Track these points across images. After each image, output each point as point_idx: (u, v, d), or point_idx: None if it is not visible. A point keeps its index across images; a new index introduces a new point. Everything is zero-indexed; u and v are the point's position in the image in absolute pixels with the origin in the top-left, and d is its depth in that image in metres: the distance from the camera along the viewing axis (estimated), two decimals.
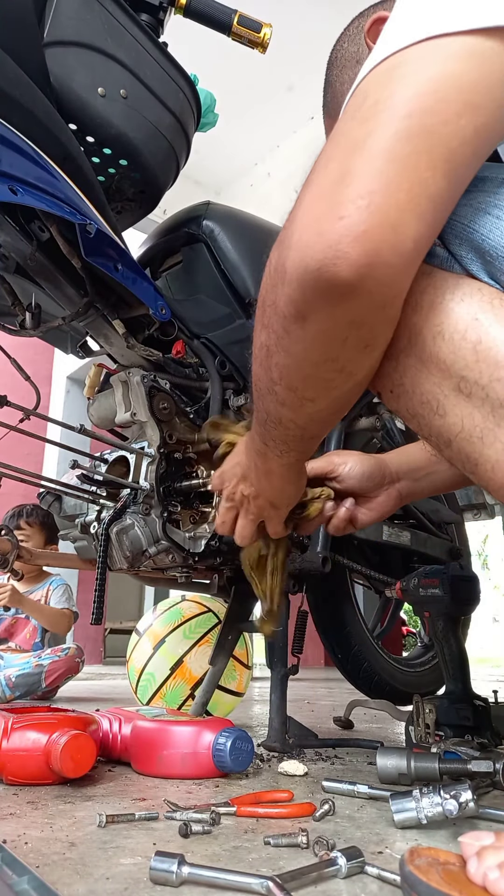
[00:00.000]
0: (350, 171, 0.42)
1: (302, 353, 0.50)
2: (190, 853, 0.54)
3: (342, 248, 0.42)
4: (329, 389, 0.53)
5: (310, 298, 0.46)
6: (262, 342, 0.53)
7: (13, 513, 2.46)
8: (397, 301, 0.48)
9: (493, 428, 0.52)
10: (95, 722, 0.88)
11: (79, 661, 2.29)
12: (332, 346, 0.49)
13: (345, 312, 0.46)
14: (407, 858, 0.44)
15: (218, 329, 1.22)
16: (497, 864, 0.41)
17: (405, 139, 0.41)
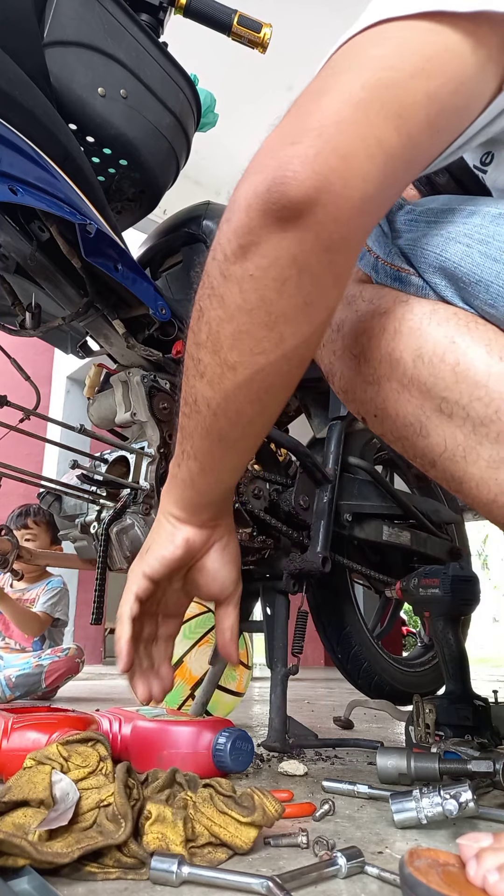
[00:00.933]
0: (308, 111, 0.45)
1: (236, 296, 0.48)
2: None
3: (292, 167, 0.43)
4: (254, 353, 0.49)
5: (255, 225, 0.45)
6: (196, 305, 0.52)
7: (20, 511, 2.47)
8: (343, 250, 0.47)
9: (475, 446, 0.54)
10: (95, 722, 0.88)
11: (79, 661, 2.29)
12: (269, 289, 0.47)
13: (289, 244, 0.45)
14: (406, 860, 0.44)
15: None
16: (496, 866, 0.41)
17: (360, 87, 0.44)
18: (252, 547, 1.16)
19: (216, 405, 0.53)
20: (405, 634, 8.38)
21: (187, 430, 0.57)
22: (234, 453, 0.58)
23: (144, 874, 0.50)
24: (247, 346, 0.49)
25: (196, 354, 0.52)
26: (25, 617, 2.28)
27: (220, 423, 0.54)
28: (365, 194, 0.44)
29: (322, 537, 1.21)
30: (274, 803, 0.57)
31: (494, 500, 0.55)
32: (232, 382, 0.51)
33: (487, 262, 0.53)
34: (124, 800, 0.53)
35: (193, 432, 0.56)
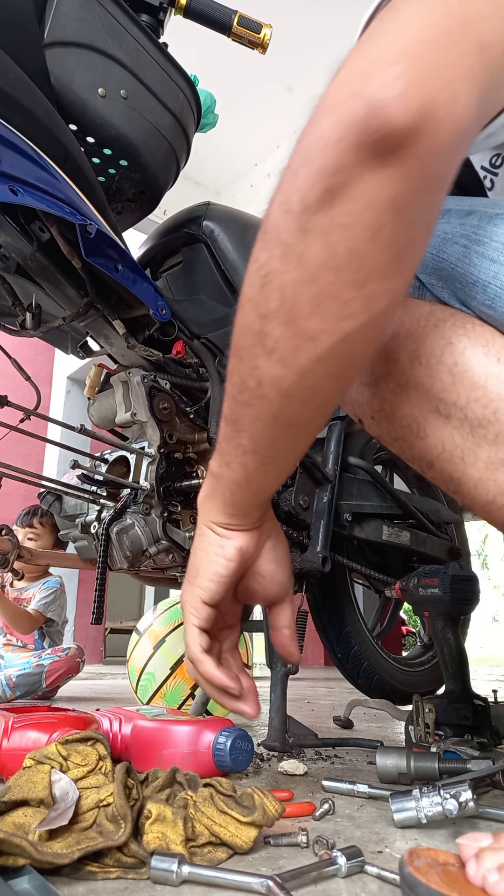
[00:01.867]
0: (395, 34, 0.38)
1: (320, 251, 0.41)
2: None
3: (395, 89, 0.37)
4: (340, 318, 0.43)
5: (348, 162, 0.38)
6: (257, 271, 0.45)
7: (28, 511, 2.47)
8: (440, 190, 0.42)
9: (473, 448, 0.54)
10: (96, 721, 0.88)
11: (79, 661, 2.29)
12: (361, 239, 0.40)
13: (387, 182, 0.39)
14: (406, 859, 0.44)
15: (218, 329, 1.22)
16: (496, 866, 0.41)
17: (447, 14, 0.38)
18: None
19: (289, 385, 0.46)
20: (405, 634, 8.38)
21: (245, 422, 0.50)
22: (300, 439, 0.52)
23: (144, 873, 0.50)
24: (332, 310, 0.42)
25: (261, 328, 0.45)
26: (17, 615, 2.28)
27: (292, 406, 0.48)
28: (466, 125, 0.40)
29: (322, 537, 1.21)
30: (274, 803, 0.57)
31: (493, 502, 0.55)
32: (311, 355, 0.44)
33: (485, 262, 0.53)
34: (124, 800, 0.53)
35: (255, 422, 0.50)
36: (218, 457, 0.55)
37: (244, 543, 0.58)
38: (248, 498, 0.56)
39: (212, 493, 0.57)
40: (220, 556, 0.57)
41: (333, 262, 0.41)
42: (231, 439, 0.52)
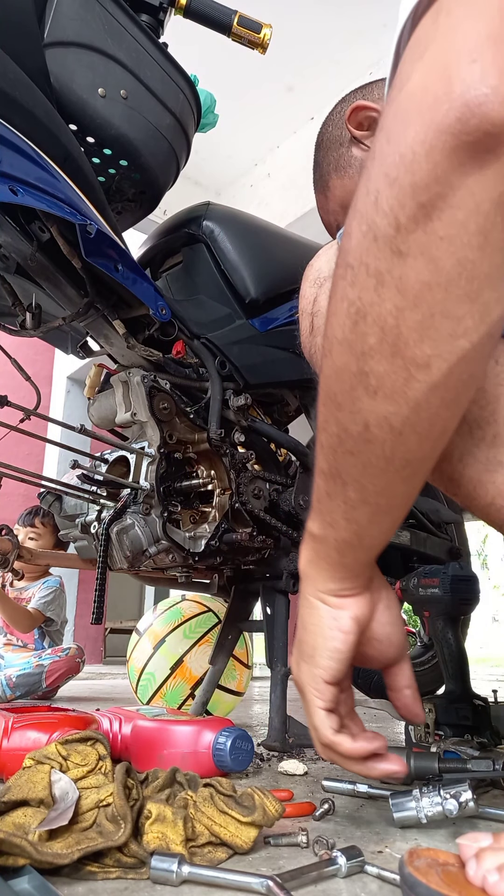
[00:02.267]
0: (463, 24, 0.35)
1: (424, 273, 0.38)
2: None
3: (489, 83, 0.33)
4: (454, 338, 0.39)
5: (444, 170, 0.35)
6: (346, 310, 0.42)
7: (30, 510, 2.48)
8: None
9: (472, 449, 0.54)
10: (96, 721, 0.88)
11: (79, 661, 2.29)
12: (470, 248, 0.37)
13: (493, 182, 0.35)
14: (406, 859, 0.44)
15: (218, 329, 1.22)
16: (496, 866, 0.41)
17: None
18: (252, 547, 1.16)
19: (402, 421, 0.42)
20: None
21: (351, 472, 0.46)
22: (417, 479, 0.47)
23: (144, 873, 0.50)
24: (444, 331, 0.39)
25: (361, 368, 0.42)
26: (16, 613, 2.28)
27: (408, 444, 0.44)
28: None
29: None
30: (274, 803, 0.57)
31: (492, 503, 0.55)
32: (425, 385, 0.41)
33: None
34: (123, 801, 0.53)
35: (364, 470, 0.46)
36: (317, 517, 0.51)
37: (359, 612, 0.53)
38: (360, 556, 0.51)
39: (315, 558, 0.53)
40: (336, 631, 0.53)
41: (440, 279, 0.38)
42: (334, 496, 0.48)
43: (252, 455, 1.18)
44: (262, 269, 1.23)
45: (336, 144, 0.92)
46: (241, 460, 1.16)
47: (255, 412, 1.28)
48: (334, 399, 0.45)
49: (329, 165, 0.92)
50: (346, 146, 0.90)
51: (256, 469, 1.20)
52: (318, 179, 0.95)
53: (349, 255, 0.41)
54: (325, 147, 0.94)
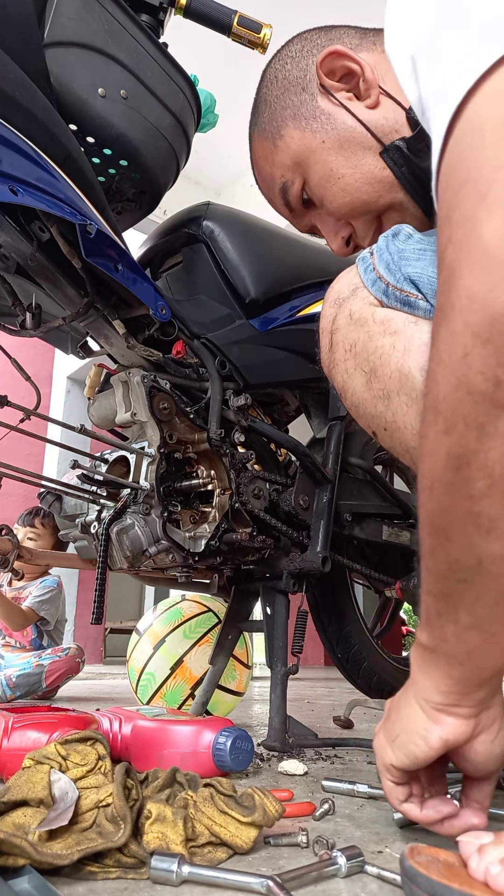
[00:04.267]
0: None
1: None
2: None
3: None
4: None
5: None
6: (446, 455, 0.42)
7: (30, 511, 2.48)
8: None
9: None
10: (96, 721, 0.89)
11: (79, 661, 2.29)
12: None
13: None
14: (407, 855, 0.44)
15: (218, 329, 1.22)
16: (499, 858, 0.41)
17: None
18: (252, 547, 1.16)
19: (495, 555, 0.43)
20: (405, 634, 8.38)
21: (464, 599, 0.46)
22: None
23: (145, 873, 0.50)
24: None
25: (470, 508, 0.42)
26: (10, 611, 2.28)
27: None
28: None
29: (322, 537, 1.21)
30: (274, 803, 0.57)
31: None
32: None
33: None
34: (123, 802, 0.53)
35: (477, 600, 0.45)
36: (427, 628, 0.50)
37: (453, 735, 0.51)
38: (471, 675, 0.49)
39: (424, 665, 0.52)
40: (421, 740, 0.52)
41: None
42: (444, 615, 0.47)
43: (252, 455, 1.18)
44: (262, 269, 1.23)
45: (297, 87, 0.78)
46: (241, 460, 1.16)
47: (255, 412, 1.28)
48: (443, 532, 0.45)
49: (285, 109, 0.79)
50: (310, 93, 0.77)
51: (256, 469, 1.20)
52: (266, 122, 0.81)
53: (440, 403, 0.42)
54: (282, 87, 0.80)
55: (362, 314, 0.66)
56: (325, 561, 1.19)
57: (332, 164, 0.76)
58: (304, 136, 0.77)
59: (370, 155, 0.74)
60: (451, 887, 0.39)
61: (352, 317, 0.67)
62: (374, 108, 0.73)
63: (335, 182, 0.76)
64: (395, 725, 0.55)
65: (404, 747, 0.53)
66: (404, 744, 0.53)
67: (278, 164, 0.81)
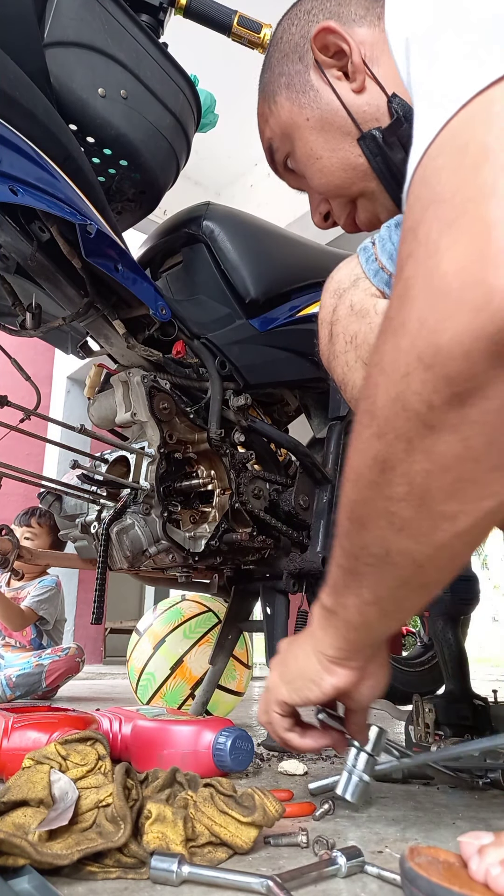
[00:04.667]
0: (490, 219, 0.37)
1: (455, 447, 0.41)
2: None
3: None
4: (481, 499, 0.42)
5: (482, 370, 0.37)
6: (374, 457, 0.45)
7: (27, 511, 2.48)
8: None
9: None
10: (96, 721, 0.88)
11: (79, 660, 2.29)
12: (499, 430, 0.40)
13: None
14: (407, 856, 0.44)
15: (218, 329, 1.22)
16: (499, 860, 0.41)
17: None
18: (252, 547, 1.16)
19: (425, 558, 0.46)
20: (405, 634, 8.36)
21: (369, 579, 0.50)
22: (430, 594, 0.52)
23: (144, 873, 0.50)
24: (471, 494, 0.42)
25: (387, 507, 0.45)
26: (9, 611, 2.28)
27: (427, 573, 0.48)
28: None
29: (322, 537, 1.21)
30: (274, 803, 0.57)
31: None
32: (449, 534, 0.44)
33: None
34: (123, 802, 0.53)
35: (380, 582, 0.50)
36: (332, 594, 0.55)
37: (343, 683, 0.60)
38: (365, 639, 0.56)
39: (325, 624, 0.58)
40: (314, 686, 0.60)
41: (470, 454, 0.40)
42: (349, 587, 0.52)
43: (252, 455, 1.18)
44: (262, 269, 1.23)
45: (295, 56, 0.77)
46: (241, 460, 1.16)
47: (255, 412, 1.28)
48: (359, 520, 0.48)
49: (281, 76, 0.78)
50: (304, 64, 0.75)
51: (256, 469, 1.20)
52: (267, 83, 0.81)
53: (376, 409, 0.44)
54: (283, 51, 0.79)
55: (364, 305, 0.65)
56: (325, 561, 1.19)
57: (313, 143, 0.75)
58: (293, 109, 0.76)
59: (348, 140, 0.73)
60: (452, 890, 0.39)
61: (353, 308, 0.67)
62: (359, 93, 0.71)
63: (314, 162, 0.76)
64: (291, 670, 0.63)
65: (299, 691, 0.61)
66: (300, 688, 0.61)
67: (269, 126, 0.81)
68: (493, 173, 0.38)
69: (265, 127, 0.82)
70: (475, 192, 0.38)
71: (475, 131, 0.40)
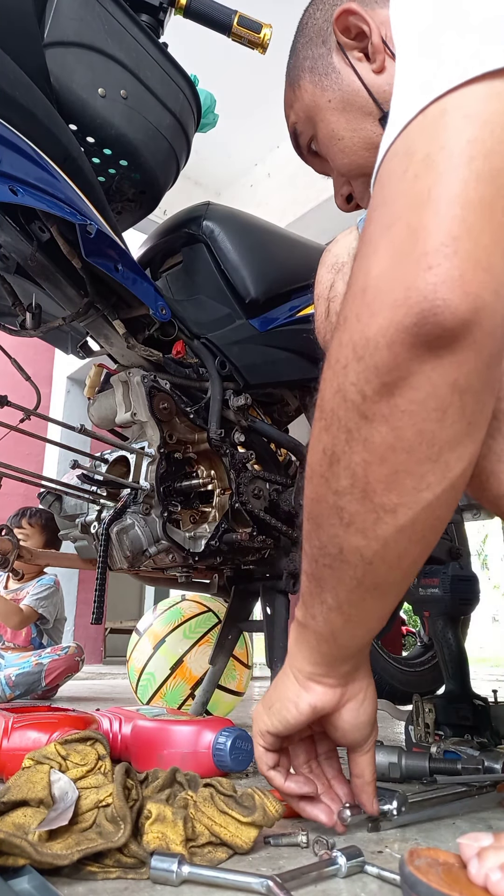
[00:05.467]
0: (423, 225, 0.40)
1: (388, 437, 0.43)
2: None
3: (441, 296, 0.39)
4: (418, 491, 0.44)
5: (404, 360, 0.41)
6: (322, 450, 0.47)
7: (18, 512, 2.48)
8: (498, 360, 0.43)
9: (487, 441, 0.54)
10: (96, 721, 0.88)
11: (78, 659, 2.29)
12: (429, 420, 0.42)
13: (447, 370, 0.41)
14: (407, 859, 0.44)
15: (218, 329, 1.22)
16: (498, 865, 0.41)
17: (474, 184, 0.40)
18: (252, 547, 1.16)
19: (372, 553, 0.47)
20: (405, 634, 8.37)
21: (329, 583, 0.50)
22: (388, 599, 0.51)
23: (144, 873, 0.50)
24: (408, 485, 0.44)
25: (336, 502, 0.47)
26: (7, 610, 2.28)
27: (378, 572, 0.48)
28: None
29: None
30: (274, 803, 0.57)
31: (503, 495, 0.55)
32: (392, 527, 0.45)
33: None
34: (123, 802, 0.53)
35: (338, 584, 0.50)
36: (303, 608, 0.55)
37: (321, 703, 0.57)
38: (336, 652, 0.55)
39: (299, 639, 0.57)
40: (292, 706, 0.57)
41: (403, 444, 0.43)
42: (314, 595, 0.52)
43: (252, 455, 1.18)
44: (262, 269, 1.23)
45: (318, 40, 0.78)
46: (241, 460, 1.16)
47: (255, 412, 1.28)
48: (315, 519, 0.50)
49: (305, 60, 0.79)
50: (328, 47, 0.77)
51: (256, 469, 1.20)
52: (291, 68, 0.83)
53: (323, 403, 0.46)
54: (308, 36, 0.80)
55: None
56: None
57: (335, 124, 0.77)
58: (315, 91, 0.78)
59: (370, 120, 0.74)
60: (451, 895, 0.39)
61: None
62: (379, 73, 0.72)
63: (336, 143, 0.77)
64: (272, 695, 0.60)
65: (278, 714, 0.58)
66: (278, 710, 0.58)
67: (294, 111, 0.83)
68: (429, 184, 0.40)
69: (290, 112, 0.84)
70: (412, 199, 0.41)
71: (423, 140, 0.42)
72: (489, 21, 0.42)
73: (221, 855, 0.54)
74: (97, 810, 0.54)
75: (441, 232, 0.39)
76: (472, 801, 0.73)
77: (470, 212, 0.39)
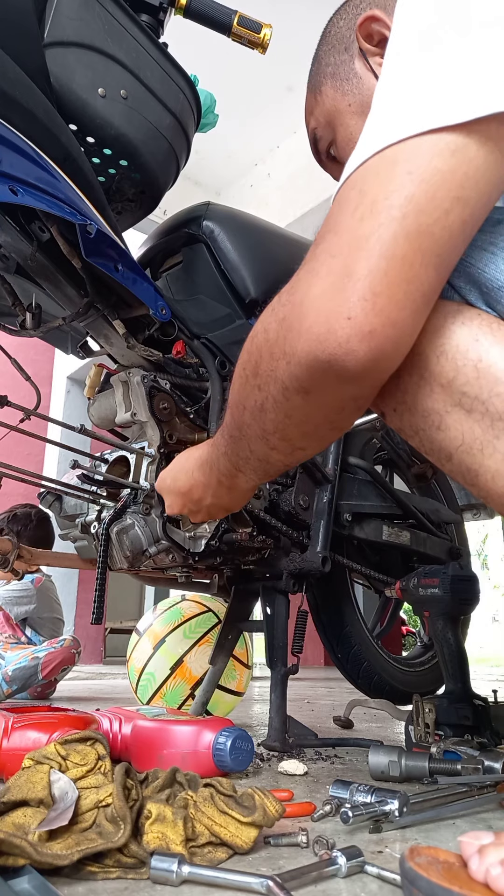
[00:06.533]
0: (354, 270, 0.47)
1: (302, 417, 0.57)
2: None
3: (351, 347, 0.47)
4: (322, 441, 0.62)
5: (317, 381, 0.51)
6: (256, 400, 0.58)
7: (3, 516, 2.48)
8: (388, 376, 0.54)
9: (492, 440, 0.55)
10: (96, 721, 0.89)
11: (75, 651, 2.29)
12: (331, 414, 0.56)
13: (348, 390, 0.52)
14: (407, 856, 0.44)
15: (218, 329, 1.22)
16: (499, 860, 0.41)
17: (403, 240, 0.45)
18: (252, 547, 1.16)
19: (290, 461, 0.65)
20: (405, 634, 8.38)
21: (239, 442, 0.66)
22: None
23: (145, 873, 0.50)
24: (314, 437, 0.60)
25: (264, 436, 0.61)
26: None
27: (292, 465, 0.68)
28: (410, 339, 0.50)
29: (322, 537, 1.21)
30: (274, 803, 0.57)
31: None
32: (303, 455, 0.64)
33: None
34: (123, 802, 0.53)
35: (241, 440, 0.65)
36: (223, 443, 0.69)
37: None
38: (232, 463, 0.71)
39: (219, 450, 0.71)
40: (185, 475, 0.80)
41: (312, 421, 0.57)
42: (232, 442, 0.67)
43: None
44: (262, 269, 1.23)
45: (341, 47, 0.80)
46: None
47: None
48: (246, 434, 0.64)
49: (328, 66, 0.81)
50: (350, 54, 0.79)
51: None
52: (313, 75, 0.85)
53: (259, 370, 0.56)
54: (330, 44, 0.83)
55: None
56: (324, 561, 1.19)
57: (353, 127, 0.78)
58: (336, 95, 0.79)
59: None
60: (451, 890, 0.39)
61: None
62: None
63: (353, 147, 0.78)
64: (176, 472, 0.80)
65: None
66: None
67: (314, 116, 0.84)
68: (369, 231, 0.46)
69: (310, 118, 0.86)
70: (354, 240, 0.47)
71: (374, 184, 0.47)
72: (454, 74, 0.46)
73: (221, 855, 0.54)
74: (97, 810, 0.54)
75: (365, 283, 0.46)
76: (473, 801, 0.73)
77: (392, 267, 0.46)
